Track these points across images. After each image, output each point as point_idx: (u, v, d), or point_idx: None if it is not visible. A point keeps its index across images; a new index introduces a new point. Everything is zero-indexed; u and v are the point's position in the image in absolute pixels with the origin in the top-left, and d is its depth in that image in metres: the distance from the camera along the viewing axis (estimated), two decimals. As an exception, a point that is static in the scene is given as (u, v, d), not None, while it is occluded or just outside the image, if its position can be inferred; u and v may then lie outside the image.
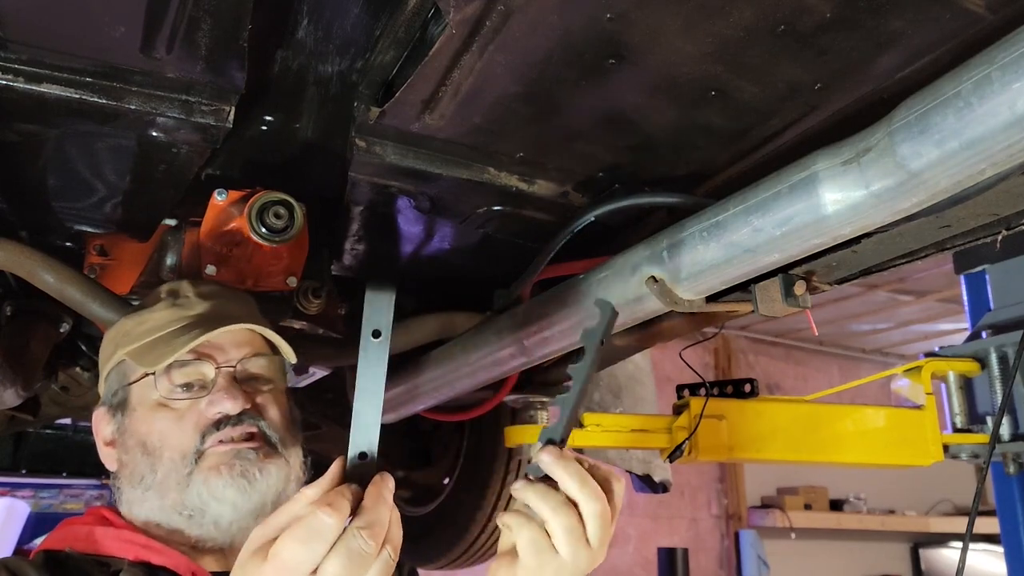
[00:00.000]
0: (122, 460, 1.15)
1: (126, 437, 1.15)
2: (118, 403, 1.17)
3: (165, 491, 1.10)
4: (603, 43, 0.98)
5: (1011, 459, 1.68)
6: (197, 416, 1.12)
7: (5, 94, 1.06)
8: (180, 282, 1.26)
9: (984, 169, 0.79)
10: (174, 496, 1.09)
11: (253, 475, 1.09)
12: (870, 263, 1.17)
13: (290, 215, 1.30)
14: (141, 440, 1.13)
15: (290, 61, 1.13)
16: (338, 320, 1.57)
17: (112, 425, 1.18)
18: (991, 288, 1.98)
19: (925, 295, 4.98)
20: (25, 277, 1.35)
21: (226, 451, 1.10)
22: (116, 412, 1.17)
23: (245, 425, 1.12)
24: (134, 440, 1.14)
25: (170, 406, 1.13)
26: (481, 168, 1.31)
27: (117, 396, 1.18)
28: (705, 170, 1.32)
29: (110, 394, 1.19)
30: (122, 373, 1.18)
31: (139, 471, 1.12)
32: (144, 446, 1.12)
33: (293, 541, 0.77)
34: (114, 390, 1.19)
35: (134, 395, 1.16)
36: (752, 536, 5.20)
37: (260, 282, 1.42)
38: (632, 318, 1.28)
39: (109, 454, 1.19)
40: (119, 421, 1.16)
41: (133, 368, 1.16)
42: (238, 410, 1.12)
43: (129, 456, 1.14)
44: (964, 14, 0.93)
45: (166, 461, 1.10)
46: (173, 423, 1.12)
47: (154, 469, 1.11)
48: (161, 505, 1.10)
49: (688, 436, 1.51)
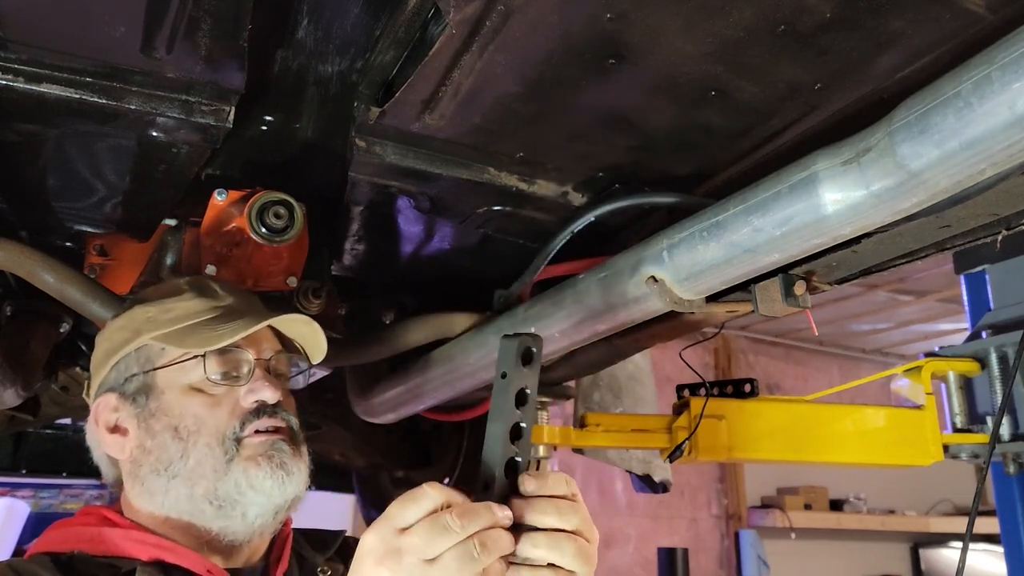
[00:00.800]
0: (144, 446, 1.11)
1: (152, 421, 1.11)
2: (137, 388, 1.13)
3: (197, 478, 1.08)
4: (603, 43, 0.98)
5: (1011, 459, 1.68)
6: (234, 403, 1.11)
7: (5, 94, 1.06)
8: (197, 276, 1.25)
9: (984, 169, 0.80)
10: (207, 484, 1.07)
11: (290, 468, 1.10)
12: (870, 263, 1.17)
13: (290, 215, 1.30)
14: (172, 424, 1.10)
15: (290, 61, 1.13)
16: (338, 320, 1.57)
17: (126, 410, 1.13)
18: (991, 288, 1.98)
19: (925, 295, 4.98)
20: (25, 277, 1.35)
21: (263, 441, 1.10)
22: (135, 397, 1.13)
23: (279, 418, 1.12)
24: (163, 424, 1.10)
25: (206, 391, 1.11)
26: (481, 168, 1.31)
27: (134, 381, 1.14)
28: (705, 170, 1.32)
29: (121, 380, 1.15)
30: (144, 358, 1.14)
31: (167, 456, 1.09)
32: (176, 430, 1.09)
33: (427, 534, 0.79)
34: (128, 375, 1.14)
35: (162, 379, 1.13)
36: (752, 536, 5.20)
37: (260, 282, 1.42)
38: (632, 318, 1.28)
39: (115, 442, 1.14)
40: (141, 405, 1.12)
41: (161, 352, 1.13)
42: (276, 400, 1.12)
43: (156, 441, 1.10)
44: (964, 14, 0.93)
45: (201, 447, 1.08)
46: (209, 408, 1.10)
47: (186, 455, 1.08)
48: (190, 494, 1.08)
49: (688, 436, 1.51)
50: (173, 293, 1.20)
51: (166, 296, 1.20)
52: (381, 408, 1.88)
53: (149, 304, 1.18)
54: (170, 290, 1.22)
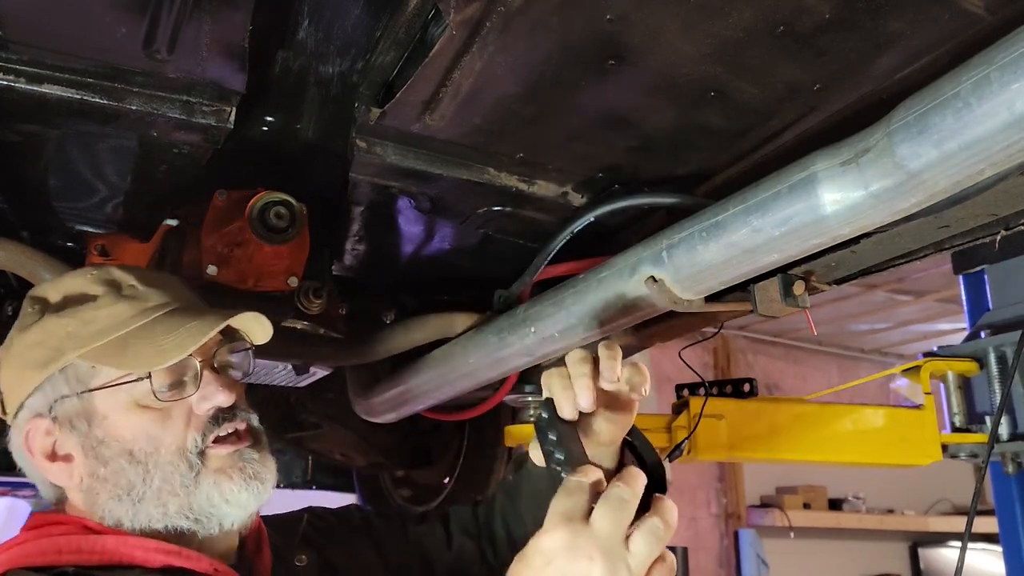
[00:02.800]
0: (97, 474, 1.03)
1: (102, 449, 1.03)
2: (73, 412, 1.04)
3: (167, 496, 1.02)
4: (603, 44, 0.99)
5: (1010, 458, 1.68)
6: (187, 412, 1.04)
7: (6, 94, 1.06)
8: (103, 270, 1.11)
9: (983, 169, 0.80)
10: (179, 501, 1.02)
11: (263, 476, 1.06)
12: (869, 263, 1.17)
13: (291, 215, 1.31)
14: (126, 449, 1.02)
15: (291, 62, 1.13)
16: (339, 320, 1.58)
17: (64, 437, 1.04)
18: (989, 288, 1.98)
19: (924, 295, 4.98)
20: (27, 277, 1.35)
21: (231, 453, 1.05)
22: (72, 423, 1.04)
23: (238, 419, 1.07)
24: (114, 450, 1.02)
25: (153, 407, 1.03)
26: (481, 168, 1.32)
27: (66, 405, 1.04)
28: (704, 170, 1.32)
29: (49, 403, 1.05)
30: (74, 379, 1.04)
31: (125, 482, 1.02)
32: (131, 454, 1.02)
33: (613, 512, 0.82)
34: (57, 398, 1.04)
35: (100, 401, 1.04)
36: (751, 535, 5.20)
37: (261, 282, 1.42)
38: (632, 318, 1.28)
39: (60, 470, 1.05)
40: (82, 432, 1.03)
41: (92, 371, 1.04)
42: (231, 402, 1.06)
43: (109, 468, 1.02)
44: (963, 15, 0.93)
45: (164, 465, 1.02)
46: (160, 424, 1.03)
47: (148, 477, 1.02)
48: (164, 512, 1.02)
49: (687, 435, 1.51)
50: (85, 299, 1.07)
51: (79, 303, 1.06)
52: (381, 408, 1.88)
53: (63, 315, 1.05)
54: (80, 294, 1.07)
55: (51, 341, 1.04)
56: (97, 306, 1.06)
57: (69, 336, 1.04)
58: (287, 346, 1.54)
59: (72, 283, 1.10)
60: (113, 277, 1.09)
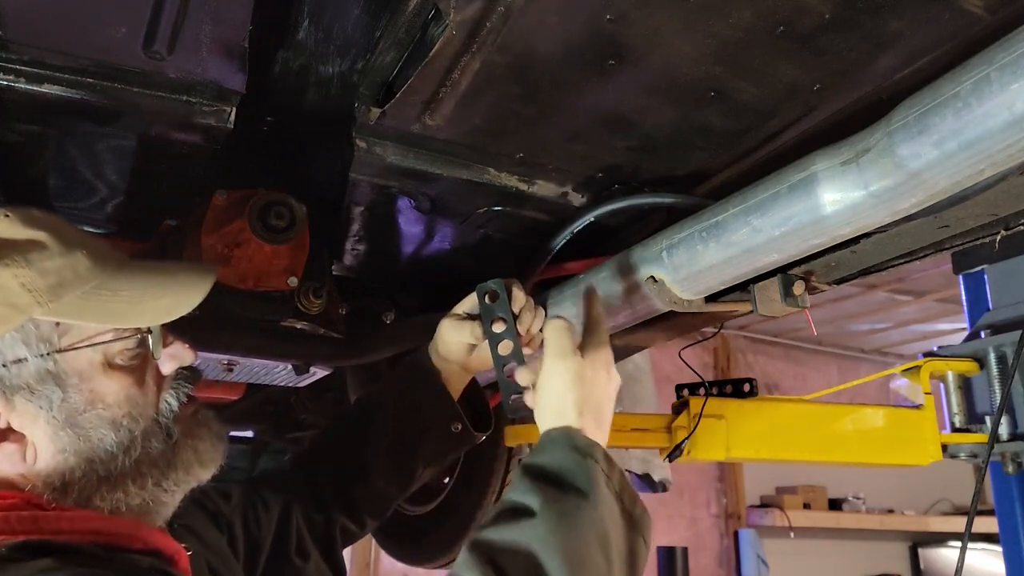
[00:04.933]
0: (70, 449, 0.89)
1: (79, 418, 0.90)
2: (34, 378, 0.89)
3: (147, 468, 0.92)
4: (603, 44, 0.99)
5: (1010, 459, 1.68)
6: (155, 374, 0.96)
7: (6, 94, 1.06)
8: (22, 211, 0.93)
9: (983, 169, 0.80)
10: (159, 471, 0.93)
11: (222, 434, 1.01)
12: (869, 263, 1.17)
13: (291, 215, 1.31)
14: (108, 418, 0.91)
15: (291, 62, 1.13)
16: (339, 320, 1.58)
17: (22, 409, 0.89)
18: (989, 288, 1.97)
19: (924, 295, 4.98)
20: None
21: (194, 412, 0.99)
22: (33, 390, 0.89)
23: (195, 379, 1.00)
24: (96, 419, 0.90)
25: (123, 367, 0.93)
26: (481, 168, 1.32)
27: (23, 369, 0.88)
28: (704, 170, 1.32)
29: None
30: (36, 338, 0.89)
31: (104, 455, 0.90)
32: (112, 423, 0.91)
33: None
34: (7, 362, 0.88)
35: (72, 362, 0.90)
36: (751, 535, 5.20)
37: (261, 282, 1.42)
38: (632, 318, 1.28)
39: (7, 453, 0.89)
40: (50, 400, 0.89)
41: (55, 328, 0.90)
42: (196, 360, 0.99)
43: (86, 442, 0.90)
44: (963, 15, 0.93)
45: (146, 433, 0.93)
46: (138, 388, 0.93)
47: (131, 447, 0.91)
48: (140, 485, 0.92)
49: (687, 435, 1.51)
50: (32, 245, 0.90)
51: (25, 250, 0.89)
52: (381, 408, 1.88)
53: (9, 265, 0.88)
54: (22, 240, 0.90)
55: (0, 296, 0.87)
56: (51, 255, 0.90)
57: (25, 289, 0.88)
58: (287, 346, 1.55)
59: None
60: (41, 217, 0.94)
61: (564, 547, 0.87)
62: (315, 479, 1.32)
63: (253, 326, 1.47)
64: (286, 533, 1.25)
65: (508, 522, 0.90)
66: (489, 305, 1.15)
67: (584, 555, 0.88)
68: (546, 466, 0.95)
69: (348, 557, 3.45)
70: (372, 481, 1.32)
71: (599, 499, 0.92)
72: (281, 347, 1.54)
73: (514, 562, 0.86)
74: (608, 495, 0.94)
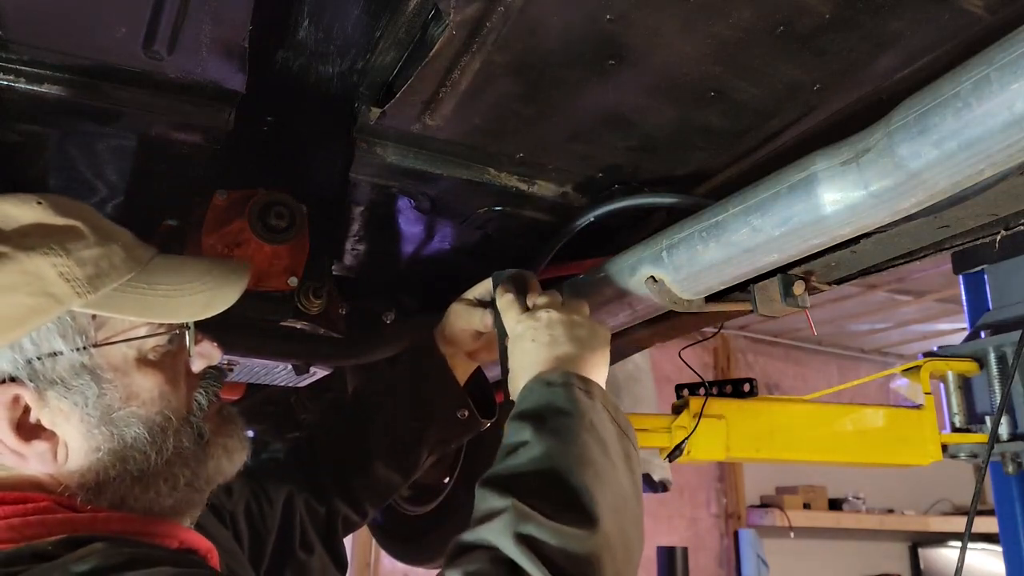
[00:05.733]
0: (105, 448, 0.86)
1: (114, 415, 0.86)
2: (69, 373, 0.85)
3: (179, 468, 0.90)
4: (603, 44, 0.99)
5: (1010, 459, 1.68)
6: (187, 372, 0.94)
7: (6, 94, 1.06)
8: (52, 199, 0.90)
9: (983, 169, 0.80)
10: (190, 471, 0.91)
11: (247, 430, 1.01)
12: (869, 263, 1.17)
13: (291, 215, 1.30)
14: (143, 415, 0.88)
15: (291, 62, 1.13)
16: (339, 320, 1.57)
17: (54, 406, 0.85)
18: (989, 288, 1.97)
19: (924, 295, 4.98)
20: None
21: (219, 409, 0.97)
22: (68, 386, 0.85)
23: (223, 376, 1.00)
24: (131, 417, 0.87)
25: (155, 364, 0.90)
26: (481, 169, 1.32)
27: (57, 364, 0.84)
28: (704, 170, 1.32)
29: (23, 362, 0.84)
30: (72, 330, 0.86)
31: (138, 454, 0.87)
32: (147, 421, 0.88)
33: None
34: (40, 355, 0.84)
35: (108, 357, 0.87)
36: (751, 535, 5.20)
37: (261, 282, 1.42)
38: (632, 318, 1.28)
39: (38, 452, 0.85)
40: (86, 397, 0.85)
41: (91, 321, 0.87)
42: (223, 359, 0.98)
43: (120, 440, 0.86)
44: (963, 15, 0.93)
45: (179, 432, 0.90)
46: (172, 385, 0.91)
47: (164, 446, 0.88)
48: (172, 486, 0.90)
49: (687, 435, 1.51)
50: (69, 233, 0.86)
51: (62, 238, 0.86)
52: (381, 408, 1.88)
53: (47, 253, 0.84)
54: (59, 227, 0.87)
55: (37, 284, 0.83)
56: (88, 244, 0.87)
57: (63, 278, 0.84)
58: (287, 346, 1.55)
59: (22, 212, 0.87)
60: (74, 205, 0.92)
61: (568, 453, 0.90)
62: (315, 468, 1.32)
63: (253, 326, 1.47)
64: (290, 526, 1.26)
65: (508, 456, 0.92)
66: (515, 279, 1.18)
67: (588, 456, 0.91)
68: (525, 409, 0.97)
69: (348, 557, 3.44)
70: (374, 469, 1.31)
71: (584, 411, 0.96)
72: (281, 347, 1.54)
73: (525, 482, 0.87)
74: (592, 405, 0.97)
